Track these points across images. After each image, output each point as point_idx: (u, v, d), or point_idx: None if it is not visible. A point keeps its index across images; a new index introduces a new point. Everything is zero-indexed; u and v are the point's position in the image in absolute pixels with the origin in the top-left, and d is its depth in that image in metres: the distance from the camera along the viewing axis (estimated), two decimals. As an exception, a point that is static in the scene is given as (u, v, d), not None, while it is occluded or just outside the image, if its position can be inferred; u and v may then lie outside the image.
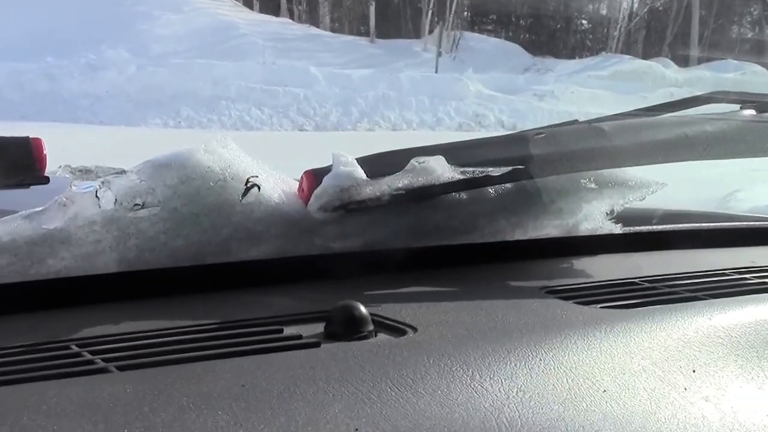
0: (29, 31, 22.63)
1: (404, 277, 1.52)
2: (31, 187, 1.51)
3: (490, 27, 31.94)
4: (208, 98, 17.38)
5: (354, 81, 18.08)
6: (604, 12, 35.85)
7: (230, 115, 17.00)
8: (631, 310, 1.33)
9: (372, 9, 26.97)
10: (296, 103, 17.50)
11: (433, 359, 1.09)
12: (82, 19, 23.32)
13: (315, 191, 1.50)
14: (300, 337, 1.18)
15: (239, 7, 27.72)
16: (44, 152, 1.49)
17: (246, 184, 1.46)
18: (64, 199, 1.42)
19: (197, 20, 23.69)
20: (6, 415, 0.94)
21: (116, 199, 1.41)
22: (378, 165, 1.55)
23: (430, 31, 26.18)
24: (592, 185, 1.69)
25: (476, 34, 27.44)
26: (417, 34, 27.65)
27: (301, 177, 1.54)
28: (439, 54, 23.26)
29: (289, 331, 1.22)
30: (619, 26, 33.77)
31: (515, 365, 1.08)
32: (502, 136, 1.76)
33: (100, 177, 1.41)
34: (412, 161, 1.53)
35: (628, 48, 33.42)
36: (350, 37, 26.97)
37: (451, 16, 25.67)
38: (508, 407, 0.98)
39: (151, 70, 18.11)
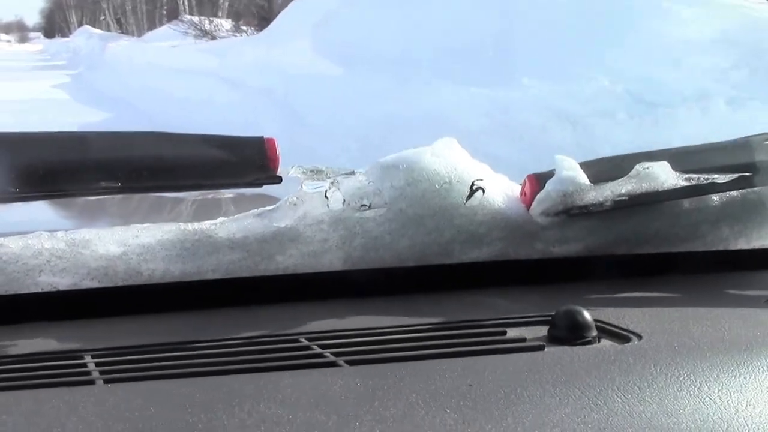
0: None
1: (626, 283, 1.51)
2: (264, 186, 1.57)
3: None
4: None
5: None
6: None
7: None
8: None
9: None
10: None
11: (659, 368, 1.08)
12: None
13: (538, 195, 1.51)
14: (524, 339, 1.19)
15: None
16: (277, 152, 1.54)
17: (471, 187, 1.47)
18: (295, 198, 1.47)
19: None
20: (244, 402, 0.98)
21: (344, 200, 1.45)
22: (601, 170, 1.54)
23: None
24: None
25: None
26: None
27: (524, 181, 1.54)
28: None
29: (512, 333, 1.23)
30: None
31: (744, 378, 1.06)
32: (729, 141, 1.71)
33: (329, 178, 1.46)
34: (637, 167, 1.51)
35: None
36: None
37: None
38: (737, 421, 0.96)
39: None
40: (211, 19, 26.73)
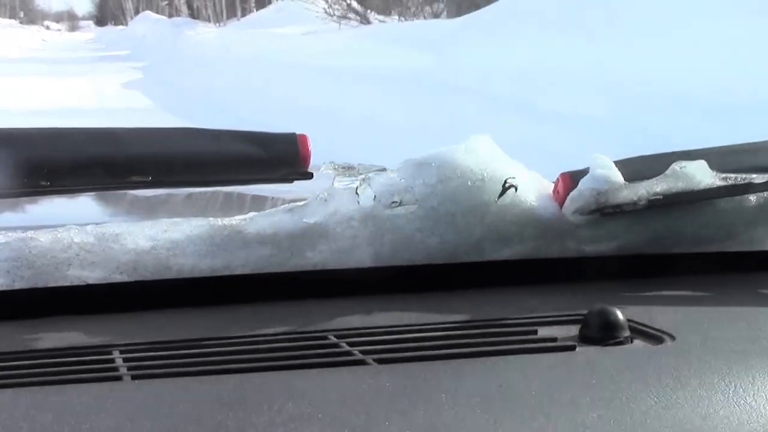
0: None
1: (659, 283, 1.49)
2: (295, 182, 1.57)
3: None
4: None
5: None
6: None
7: None
8: None
9: None
10: None
11: (693, 370, 1.06)
12: None
13: (571, 194, 1.49)
14: (555, 339, 1.18)
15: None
16: (309, 149, 1.53)
17: (504, 185, 1.46)
18: (326, 194, 1.46)
19: None
20: (273, 399, 0.97)
21: (375, 196, 1.44)
22: (636, 168, 1.52)
23: None
24: None
25: None
26: None
27: (557, 179, 1.53)
28: None
29: (543, 332, 1.21)
30: None
31: None
32: (767, 141, 1.68)
33: (361, 174, 1.45)
34: (673, 165, 1.49)
35: None
36: None
37: None
38: None
39: None
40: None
